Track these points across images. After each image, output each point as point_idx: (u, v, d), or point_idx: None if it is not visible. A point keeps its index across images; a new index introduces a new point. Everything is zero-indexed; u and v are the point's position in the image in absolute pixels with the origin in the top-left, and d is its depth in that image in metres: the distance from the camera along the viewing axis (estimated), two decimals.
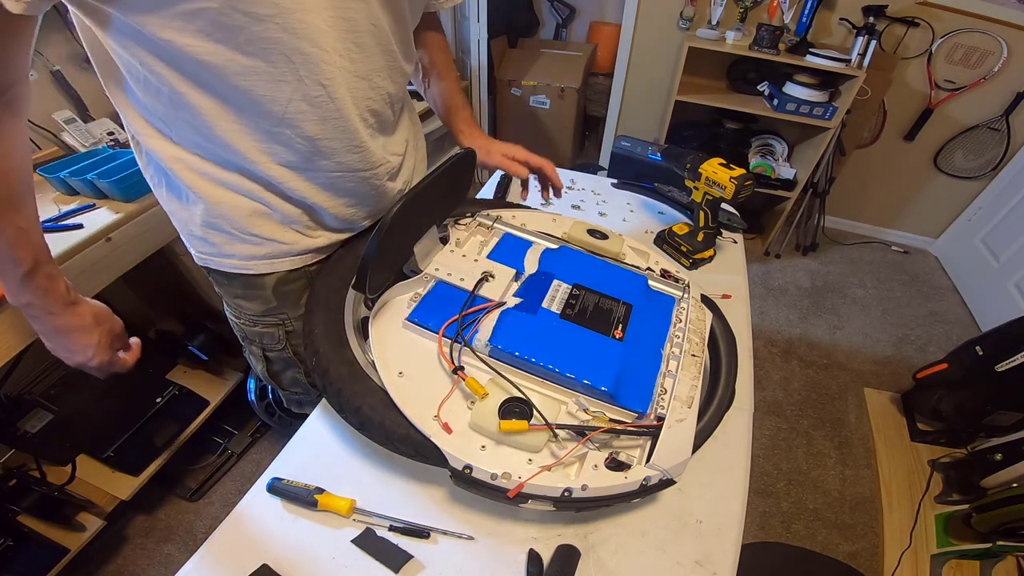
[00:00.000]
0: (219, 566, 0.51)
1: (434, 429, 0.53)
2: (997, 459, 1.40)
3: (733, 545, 0.56)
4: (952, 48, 2.11)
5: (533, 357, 0.57)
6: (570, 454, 0.52)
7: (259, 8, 0.47)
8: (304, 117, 0.56)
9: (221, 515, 0.58)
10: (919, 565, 1.37)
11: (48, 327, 0.62)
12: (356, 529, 0.54)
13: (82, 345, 0.64)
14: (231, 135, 0.56)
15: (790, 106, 2.02)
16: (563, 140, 2.91)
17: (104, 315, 0.67)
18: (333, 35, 0.53)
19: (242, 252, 0.67)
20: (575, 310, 0.65)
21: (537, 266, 0.72)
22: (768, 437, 1.72)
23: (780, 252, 2.60)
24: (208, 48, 0.49)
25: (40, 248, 0.56)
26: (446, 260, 0.69)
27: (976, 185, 2.45)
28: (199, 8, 0.45)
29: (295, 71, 0.53)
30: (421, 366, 0.59)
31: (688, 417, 0.57)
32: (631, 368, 0.60)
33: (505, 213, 0.82)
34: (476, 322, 0.61)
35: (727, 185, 0.86)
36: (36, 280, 0.56)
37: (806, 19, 1.96)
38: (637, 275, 0.74)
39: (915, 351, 2.11)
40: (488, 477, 0.51)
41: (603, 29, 3.07)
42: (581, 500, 0.51)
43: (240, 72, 0.51)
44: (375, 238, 0.56)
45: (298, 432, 0.64)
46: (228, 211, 0.63)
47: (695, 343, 0.65)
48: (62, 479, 1.16)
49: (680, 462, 0.54)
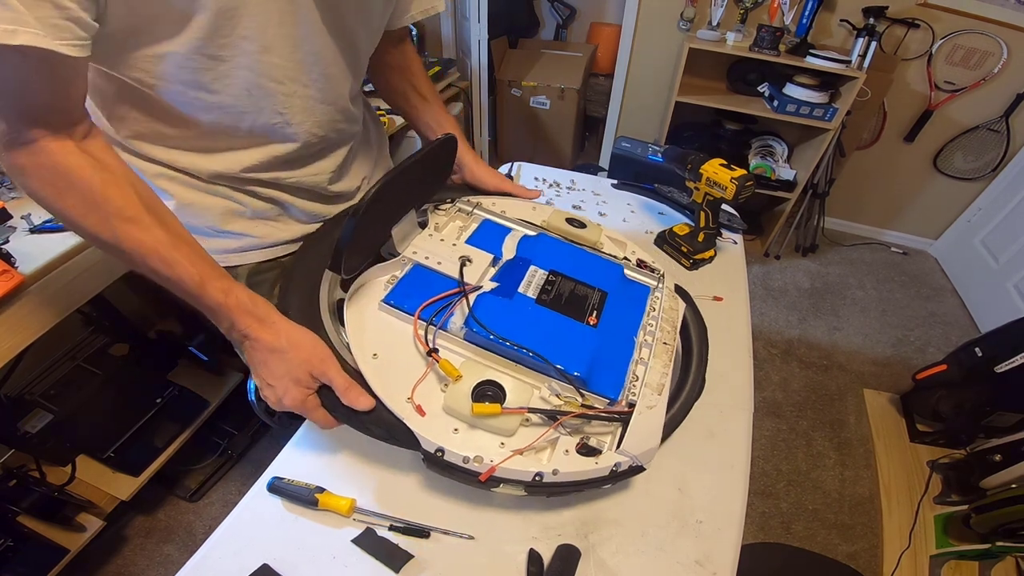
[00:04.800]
0: (219, 566, 0.51)
1: (407, 411, 0.53)
2: (996, 460, 1.40)
3: (733, 545, 0.56)
4: (952, 49, 2.11)
5: (507, 341, 0.57)
6: (541, 438, 0.53)
7: (224, 51, 0.51)
8: (266, 140, 0.62)
9: (221, 515, 0.58)
10: (918, 566, 1.37)
11: (248, 353, 0.55)
12: (356, 529, 0.54)
13: (273, 375, 0.54)
14: (191, 157, 0.61)
15: (790, 107, 2.02)
16: (563, 141, 2.92)
17: (305, 344, 0.55)
18: (296, 69, 0.58)
19: (215, 247, 0.68)
20: (551, 296, 0.65)
21: (515, 252, 0.72)
22: (768, 438, 1.72)
23: (780, 253, 2.60)
24: (173, 88, 0.53)
25: (203, 260, 0.53)
26: (424, 244, 0.69)
27: (976, 186, 2.45)
28: (166, 52, 0.49)
29: (255, 103, 0.58)
30: (396, 348, 0.59)
31: (658, 404, 0.57)
32: (604, 354, 0.60)
33: (485, 200, 0.83)
34: (452, 305, 0.61)
35: (728, 186, 0.86)
36: (209, 293, 0.52)
37: (806, 20, 1.96)
38: (613, 264, 0.75)
39: (914, 352, 2.11)
40: (460, 460, 0.51)
41: (603, 30, 3.07)
42: (552, 485, 0.52)
43: (204, 108, 0.56)
44: (351, 220, 0.56)
45: (298, 432, 0.64)
46: (200, 211, 0.65)
47: (667, 332, 0.66)
48: (62, 479, 1.16)
49: (650, 449, 0.55)
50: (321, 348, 0.55)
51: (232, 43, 0.51)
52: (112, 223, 0.47)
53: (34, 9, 0.38)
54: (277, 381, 0.54)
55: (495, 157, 3.06)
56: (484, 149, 2.89)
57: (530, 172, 1.20)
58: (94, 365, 1.24)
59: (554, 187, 1.15)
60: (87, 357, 1.24)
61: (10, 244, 0.92)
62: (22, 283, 0.86)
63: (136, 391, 1.32)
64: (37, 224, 0.97)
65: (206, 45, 0.50)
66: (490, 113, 2.87)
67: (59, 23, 0.40)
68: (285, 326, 0.55)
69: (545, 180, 1.17)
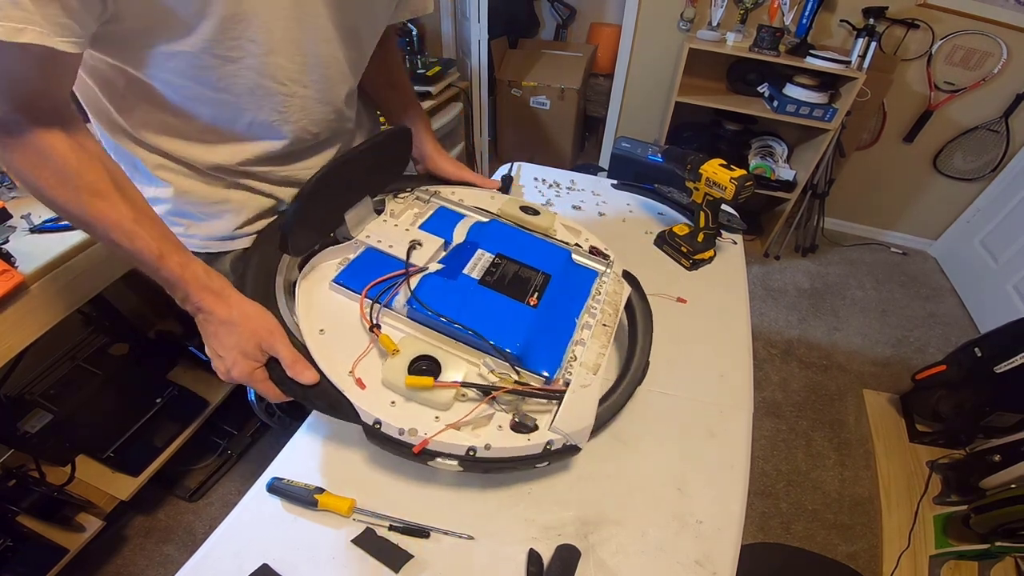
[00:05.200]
0: (219, 566, 0.51)
1: (347, 384, 0.55)
2: (996, 460, 1.40)
3: (733, 545, 0.56)
4: (952, 50, 2.11)
5: (445, 318, 0.59)
6: (474, 412, 0.54)
7: (232, 52, 0.53)
8: (263, 136, 0.64)
9: (221, 515, 0.58)
10: (917, 566, 1.37)
11: (201, 325, 0.57)
12: (356, 529, 0.54)
13: (224, 346, 0.55)
14: (192, 147, 0.63)
15: (790, 107, 2.02)
16: (563, 141, 2.92)
17: (255, 317, 0.56)
18: (298, 71, 0.60)
19: (204, 232, 0.70)
20: (494, 277, 0.67)
21: (465, 237, 0.74)
22: (767, 438, 1.72)
23: (780, 253, 2.60)
24: (181, 83, 0.55)
25: (164, 237, 0.54)
26: (378, 228, 0.72)
27: (975, 187, 2.45)
28: (177, 50, 0.51)
29: (256, 102, 0.60)
30: (343, 325, 0.61)
31: (593, 383, 0.58)
32: (542, 334, 0.62)
33: (445, 189, 0.85)
34: (397, 285, 0.63)
35: (728, 186, 0.86)
36: (167, 266, 0.53)
37: (806, 21, 1.96)
38: (561, 248, 0.77)
39: (914, 352, 2.12)
40: (396, 432, 0.53)
41: (603, 30, 3.07)
42: (486, 460, 0.53)
43: (207, 102, 0.58)
44: (296, 202, 0.61)
45: (298, 432, 0.64)
46: (195, 199, 0.67)
47: (608, 314, 0.68)
48: (61, 479, 1.16)
49: (583, 428, 0.56)
50: (271, 322, 0.57)
51: (240, 45, 0.53)
52: (82, 196, 0.49)
53: (42, 7, 0.40)
54: (227, 352, 0.55)
55: (495, 157, 3.06)
56: (484, 149, 2.89)
57: (530, 172, 1.20)
58: (94, 365, 1.24)
59: (554, 187, 1.15)
60: (87, 357, 1.25)
61: (10, 244, 0.92)
62: (22, 283, 0.86)
63: (136, 391, 1.33)
64: (37, 224, 0.97)
65: (215, 46, 0.52)
66: (490, 113, 2.87)
67: (64, 22, 0.41)
68: (238, 300, 0.57)
69: (545, 180, 1.17)
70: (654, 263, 0.97)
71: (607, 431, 0.65)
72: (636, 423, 0.67)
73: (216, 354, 0.57)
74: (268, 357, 0.57)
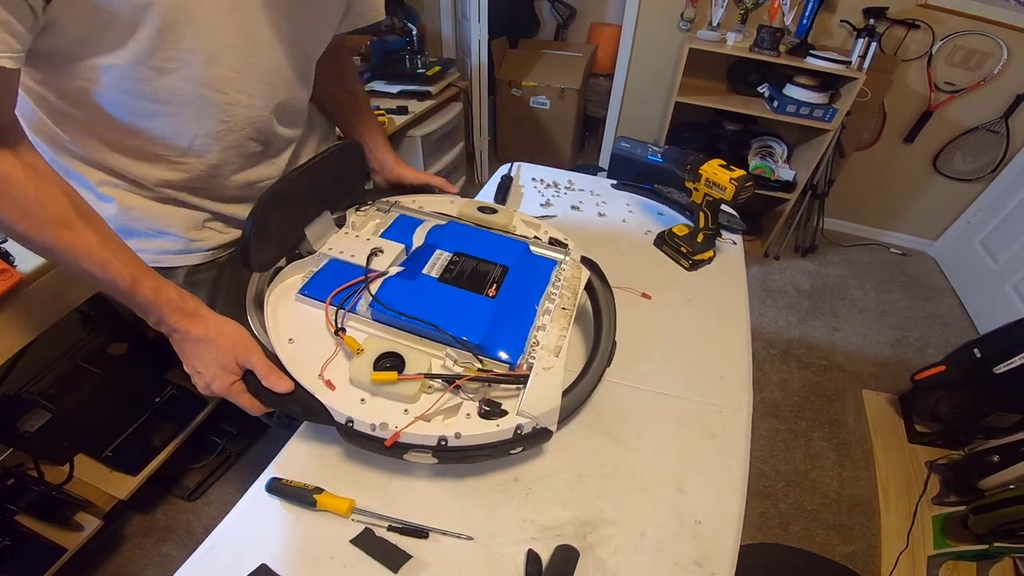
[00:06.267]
0: (217, 566, 0.51)
1: (318, 386, 0.57)
2: (994, 461, 1.40)
3: (731, 545, 0.56)
4: (952, 50, 2.11)
5: (406, 316, 0.61)
6: (439, 402, 0.56)
7: (168, 63, 0.52)
8: (208, 148, 0.63)
9: (220, 515, 0.58)
10: (916, 566, 1.38)
11: (177, 344, 0.58)
12: (355, 529, 0.54)
13: (202, 362, 0.57)
14: (136, 164, 0.61)
15: (790, 108, 2.02)
16: (563, 141, 2.92)
17: (231, 333, 0.58)
18: (242, 80, 0.59)
19: (154, 247, 0.69)
20: (452, 274, 0.69)
21: (424, 240, 0.77)
22: (766, 438, 1.72)
23: (779, 254, 2.60)
24: (117, 98, 0.54)
25: (134, 262, 0.54)
26: (339, 241, 0.74)
27: (975, 187, 2.45)
28: (112, 63, 0.50)
29: (199, 113, 0.59)
30: (310, 333, 0.64)
31: (556, 365, 0.60)
32: (503, 322, 0.64)
33: (405, 198, 0.87)
34: (360, 291, 0.66)
35: (727, 186, 0.86)
36: (141, 292, 0.54)
37: (807, 21, 1.96)
38: (518, 241, 0.79)
39: (913, 353, 2.12)
40: (368, 428, 0.54)
41: (603, 30, 3.07)
42: (458, 449, 0.54)
43: (147, 115, 0.57)
44: (249, 219, 0.63)
45: (297, 432, 0.64)
46: (141, 215, 0.66)
47: (567, 297, 0.70)
48: (60, 479, 1.16)
49: (550, 409, 0.57)
50: (245, 337, 0.59)
51: (177, 55, 0.52)
52: (47, 228, 0.48)
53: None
54: (205, 368, 0.57)
55: (495, 157, 3.06)
56: (484, 149, 2.89)
57: (529, 172, 1.20)
58: (92, 364, 1.24)
59: (553, 187, 1.15)
60: (85, 356, 1.24)
61: (8, 243, 0.92)
62: (20, 282, 0.86)
63: (134, 390, 1.32)
64: None
65: (150, 58, 0.51)
66: (490, 113, 2.87)
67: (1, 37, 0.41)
68: (213, 319, 0.58)
69: (544, 180, 1.17)
70: (654, 263, 0.97)
71: (607, 432, 0.65)
72: (635, 423, 0.67)
73: (195, 370, 0.58)
74: (245, 370, 0.58)
